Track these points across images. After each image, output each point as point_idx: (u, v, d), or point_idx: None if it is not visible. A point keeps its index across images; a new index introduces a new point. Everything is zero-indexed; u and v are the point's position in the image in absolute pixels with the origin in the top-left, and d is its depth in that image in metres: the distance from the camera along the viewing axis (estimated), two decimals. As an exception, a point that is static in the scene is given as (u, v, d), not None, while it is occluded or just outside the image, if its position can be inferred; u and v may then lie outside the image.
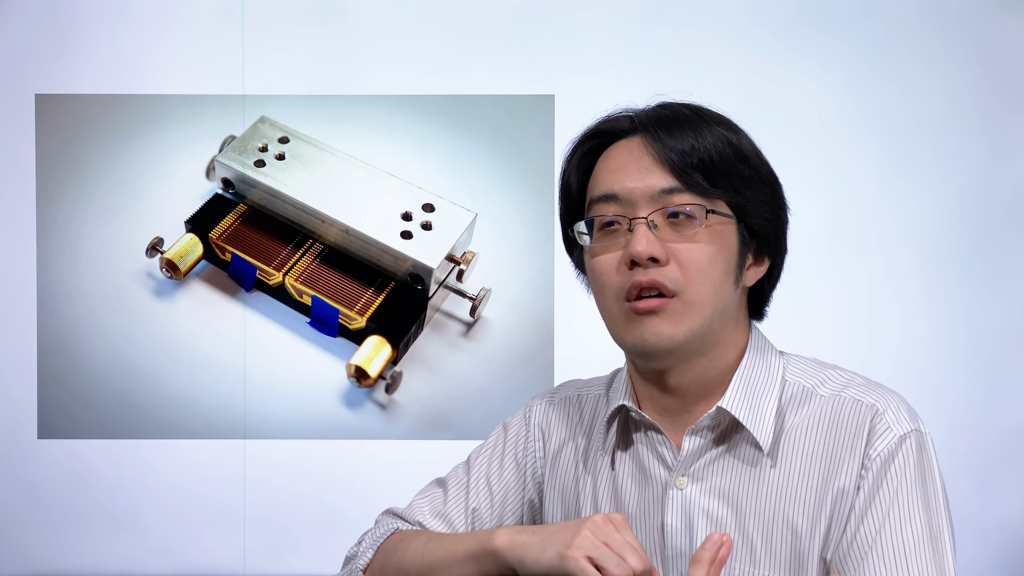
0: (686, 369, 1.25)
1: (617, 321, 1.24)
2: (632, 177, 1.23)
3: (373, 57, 2.65)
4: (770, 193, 1.26)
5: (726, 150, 1.23)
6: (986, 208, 2.62)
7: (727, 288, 1.24)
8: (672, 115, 1.25)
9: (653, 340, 1.21)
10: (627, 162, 1.24)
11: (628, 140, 1.26)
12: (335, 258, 2.60)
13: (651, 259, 1.20)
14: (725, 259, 1.23)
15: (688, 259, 1.21)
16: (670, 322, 1.21)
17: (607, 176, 1.26)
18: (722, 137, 1.23)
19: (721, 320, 1.24)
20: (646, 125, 1.25)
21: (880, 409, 1.22)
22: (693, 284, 1.21)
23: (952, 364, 2.60)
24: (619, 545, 1.11)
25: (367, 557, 1.35)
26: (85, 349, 2.64)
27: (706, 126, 1.24)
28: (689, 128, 1.23)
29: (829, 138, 2.62)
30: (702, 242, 1.21)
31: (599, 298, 1.27)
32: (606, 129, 1.29)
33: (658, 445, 1.28)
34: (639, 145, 1.24)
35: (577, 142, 1.31)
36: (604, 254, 1.24)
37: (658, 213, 1.21)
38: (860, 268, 2.62)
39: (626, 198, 1.23)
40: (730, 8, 2.64)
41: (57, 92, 2.65)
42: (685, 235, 1.21)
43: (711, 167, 1.22)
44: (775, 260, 1.29)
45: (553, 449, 1.39)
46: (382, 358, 2.54)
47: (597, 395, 1.40)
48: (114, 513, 2.63)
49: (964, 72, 2.62)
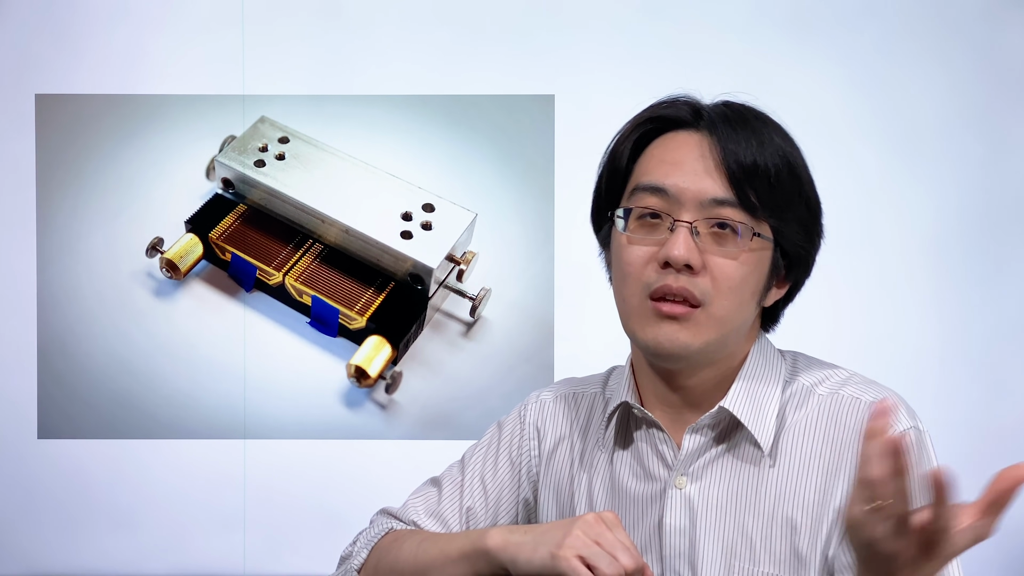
0: (692, 372, 1.25)
1: (635, 315, 1.23)
2: (687, 176, 1.20)
3: (373, 57, 2.65)
4: (810, 218, 1.25)
5: (784, 170, 1.21)
6: (987, 207, 2.61)
7: (750, 307, 1.23)
8: (739, 118, 1.22)
9: (669, 345, 1.20)
10: (685, 158, 1.21)
11: (689, 134, 1.23)
12: (335, 258, 2.60)
13: (686, 266, 1.18)
14: (756, 280, 1.22)
15: (723, 275, 1.19)
16: (690, 331, 1.20)
17: (660, 166, 1.22)
18: (781, 150, 1.21)
19: (736, 336, 1.24)
20: (714, 123, 1.21)
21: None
22: (722, 299, 1.19)
23: (952, 363, 2.60)
24: (611, 544, 1.11)
25: (361, 557, 1.35)
26: (85, 349, 2.64)
27: (768, 136, 1.21)
28: (754, 136, 1.20)
29: (829, 138, 2.61)
30: (739, 260, 1.20)
31: (620, 285, 1.25)
32: (668, 115, 1.25)
33: (659, 443, 1.28)
34: (699, 143, 1.21)
35: (636, 123, 1.26)
36: (637, 246, 1.22)
37: (703, 222, 1.19)
38: (860, 268, 2.61)
39: (675, 196, 1.20)
40: (731, 8, 2.63)
41: (57, 92, 2.65)
42: (725, 250, 1.19)
43: (767, 185, 1.19)
44: (797, 282, 1.29)
45: (548, 448, 1.39)
46: (382, 358, 2.54)
47: (593, 393, 1.39)
48: (114, 513, 2.63)
49: (965, 72, 2.61)
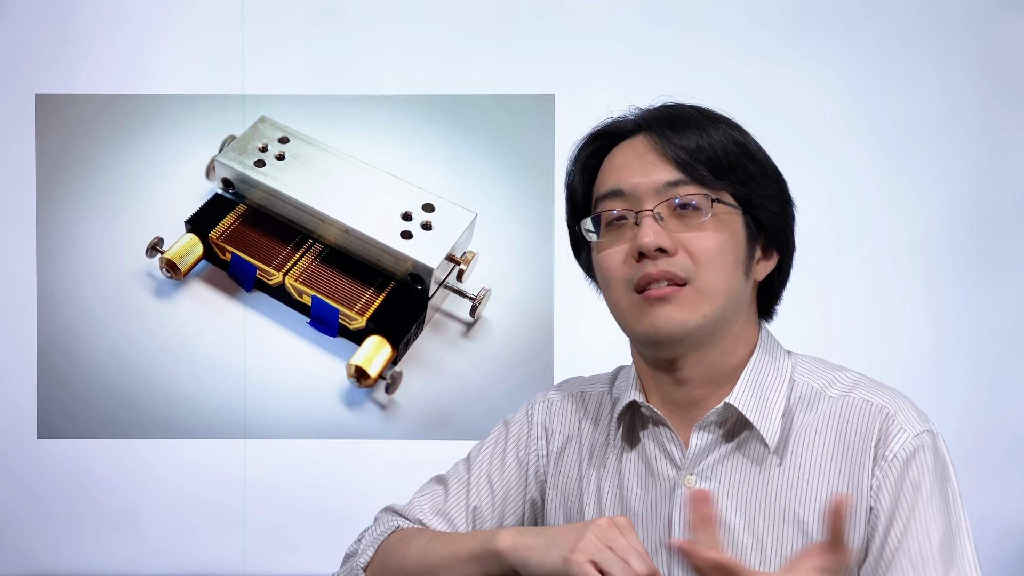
0: (697, 359, 1.25)
1: (627, 312, 1.25)
2: (637, 173, 1.24)
3: (373, 57, 2.65)
4: (776, 188, 1.27)
5: (731, 147, 1.24)
6: (987, 207, 2.62)
7: (738, 277, 1.24)
8: (677, 114, 1.26)
9: (666, 327, 1.21)
10: (632, 159, 1.25)
11: (633, 139, 1.27)
12: (335, 258, 2.60)
13: (659, 250, 1.20)
14: (734, 248, 1.23)
15: (698, 247, 1.21)
16: (683, 309, 1.21)
17: (612, 173, 1.26)
18: (727, 135, 1.25)
19: (733, 310, 1.25)
20: (651, 124, 1.26)
21: (891, 411, 1.22)
22: (705, 271, 1.21)
23: (952, 363, 2.60)
24: (623, 549, 1.11)
25: (368, 555, 1.35)
26: (85, 349, 2.64)
27: (711, 125, 1.25)
28: (694, 126, 1.24)
29: (830, 138, 2.61)
30: (710, 230, 1.22)
31: (607, 293, 1.27)
32: (611, 130, 1.29)
33: (666, 442, 1.28)
34: (643, 143, 1.25)
35: (582, 144, 1.32)
36: (611, 248, 1.25)
37: (664, 205, 1.22)
38: (860, 267, 2.61)
39: (631, 193, 1.24)
40: (731, 8, 2.63)
41: (57, 92, 2.65)
42: (692, 225, 1.22)
43: (716, 162, 1.23)
44: (784, 256, 1.30)
45: (556, 448, 1.39)
46: (382, 358, 2.54)
47: (601, 392, 1.39)
48: (114, 513, 2.63)
49: (965, 72, 2.62)
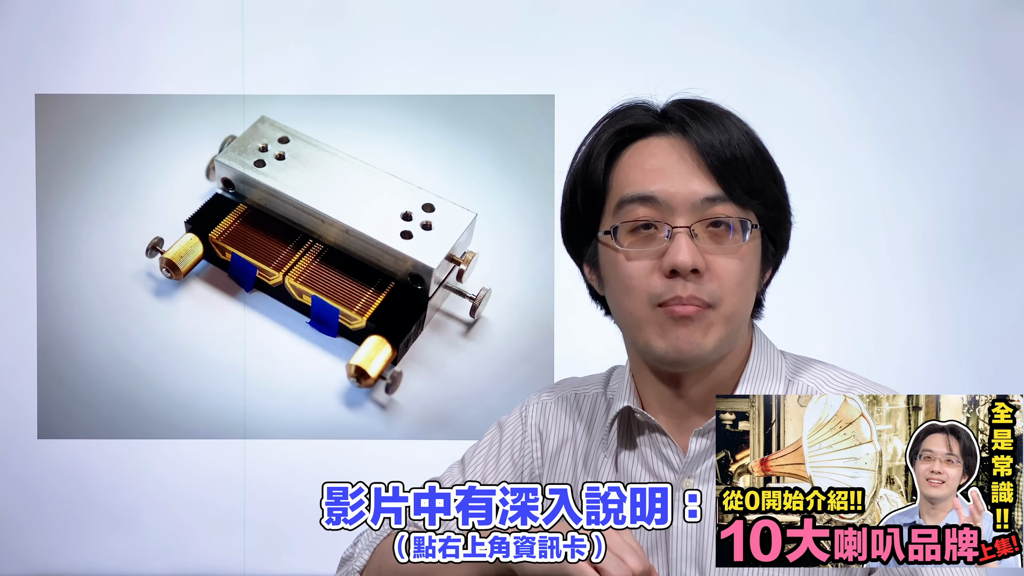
0: (702, 374, 1.25)
1: (645, 325, 1.22)
2: (674, 180, 1.20)
3: (373, 56, 2.65)
4: (782, 196, 1.25)
5: (753, 152, 1.21)
6: (988, 207, 2.61)
7: (753, 298, 1.24)
8: (704, 115, 1.22)
9: (688, 348, 1.20)
10: (665, 163, 1.21)
11: (659, 138, 1.23)
12: (335, 258, 2.60)
13: (693, 270, 1.18)
14: (756, 270, 1.23)
15: (727, 272, 1.19)
16: (705, 332, 1.20)
17: (642, 175, 1.22)
18: (746, 136, 1.22)
19: (741, 328, 1.25)
20: (682, 125, 1.21)
21: None
22: (731, 296, 1.20)
23: (953, 363, 2.60)
24: (617, 546, 1.11)
25: (364, 558, 1.35)
26: (85, 349, 2.64)
27: (731, 125, 1.22)
28: (723, 129, 1.21)
29: (830, 137, 2.61)
30: (740, 254, 1.20)
31: (623, 299, 1.23)
32: (633, 124, 1.24)
33: (663, 447, 1.28)
34: (675, 146, 1.21)
35: (602, 136, 1.25)
36: (638, 260, 1.21)
37: (699, 223, 1.19)
38: (860, 267, 2.61)
39: (665, 202, 1.20)
40: (731, 7, 2.63)
41: (57, 92, 2.65)
42: (724, 247, 1.20)
43: (746, 173, 1.20)
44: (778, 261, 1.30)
45: (551, 450, 1.38)
46: (382, 358, 2.53)
47: (595, 394, 1.39)
48: (114, 513, 2.63)
49: (965, 71, 2.61)
